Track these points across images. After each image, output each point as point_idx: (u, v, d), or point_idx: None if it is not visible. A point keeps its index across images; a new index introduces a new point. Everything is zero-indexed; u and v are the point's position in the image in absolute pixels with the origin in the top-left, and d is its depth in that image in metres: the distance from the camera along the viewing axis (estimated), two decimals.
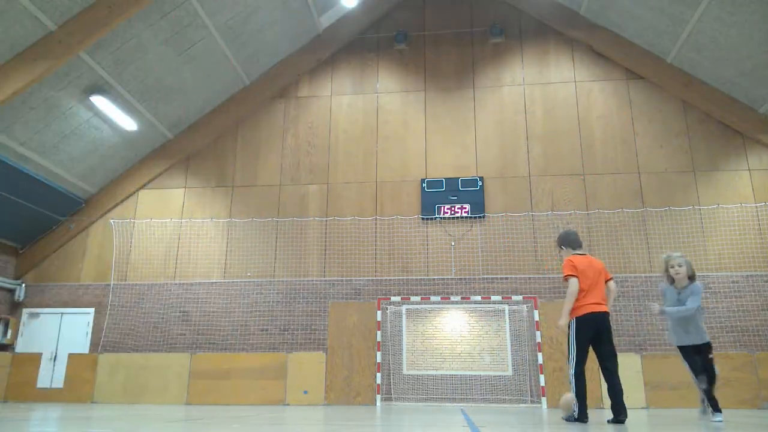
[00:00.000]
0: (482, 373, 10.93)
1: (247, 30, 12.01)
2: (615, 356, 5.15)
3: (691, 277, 5.32)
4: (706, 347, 5.28)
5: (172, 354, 11.25)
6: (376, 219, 12.05)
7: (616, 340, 10.60)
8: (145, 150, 12.93)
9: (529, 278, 11.18)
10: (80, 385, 10.96)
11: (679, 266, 5.26)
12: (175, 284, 12.07)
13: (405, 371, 11.17)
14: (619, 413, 4.80)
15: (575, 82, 12.53)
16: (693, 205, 11.36)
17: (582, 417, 4.86)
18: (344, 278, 11.69)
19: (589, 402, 5.17)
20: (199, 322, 11.75)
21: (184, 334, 11.70)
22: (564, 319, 5.08)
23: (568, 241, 5.41)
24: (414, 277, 11.53)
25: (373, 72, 13.23)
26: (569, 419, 4.97)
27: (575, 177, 11.87)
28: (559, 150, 12.09)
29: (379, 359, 10.70)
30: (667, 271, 5.40)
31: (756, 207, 11.16)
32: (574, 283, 4.99)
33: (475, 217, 11.73)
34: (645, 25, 11.77)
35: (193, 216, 12.59)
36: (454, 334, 11.45)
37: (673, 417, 6.42)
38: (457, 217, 11.78)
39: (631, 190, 11.63)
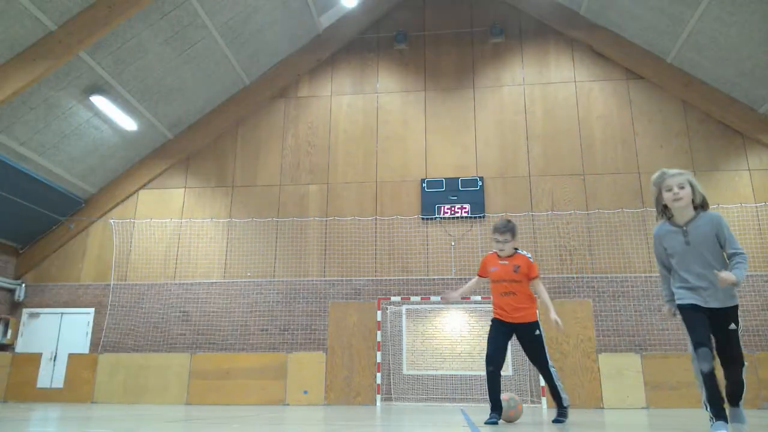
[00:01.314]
0: (482, 373, 10.92)
1: (247, 30, 12.01)
2: None
3: (702, 206, 3.43)
4: (725, 314, 3.32)
5: (172, 354, 11.25)
6: (376, 219, 12.04)
7: (616, 339, 10.70)
8: (145, 150, 12.93)
9: None
10: (80, 385, 10.96)
11: (680, 188, 3.34)
12: (175, 284, 12.07)
13: (405, 371, 11.17)
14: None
15: (575, 82, 12.53)
16: None
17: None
18: (344, 278, 11.68)
19: (588, 402, 5.18)
20: (199, 322, 11.75)
21: (184, 334, 11.70)
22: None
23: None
24: (414, 277, 11.53)
25: (373, 72, 13.23)
26: (563, 417, 4.86)
27: (575, 177, 11.87)
28: (559, 150, 12.09)
29: (379, 359, 10.70)
30: (660, 197, 3.46)
31: (756, 207, 11.16)
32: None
33: (475, 217, 11.73)
34: (645, 25, 11.77)
35: (193, 216, 12.58)
36: (454, 334, 11.45)
37: (673, 417, 6.42)
38: (457, 217, 11.78)
39: (631, 190, 11.63)
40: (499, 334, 4.82)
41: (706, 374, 3.16)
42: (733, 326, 3.30)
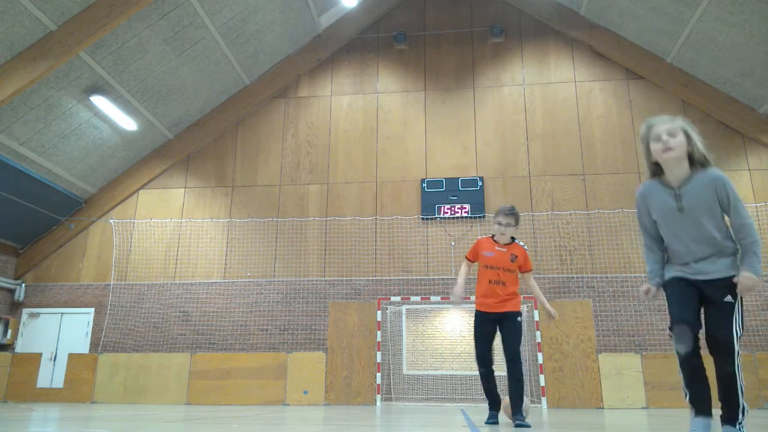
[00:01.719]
0: None
1: (247, 30, 12.01)
2: None
3: (702, 163, 2.78)
4: (720, 284, 2.66)
5: (172, 354, 11.25)
6: (376, 219, 12.04)
7: (616, 339, 10.70)
8: (145, 150, 12.93)
9: None
10: (80, 385, 10.97)
11: (671, 135, 2.74)
12: (175, 284, 12.07)
13: (405, 371, 11.18)
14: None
15: (575, 82, 12.53)
16: None
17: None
18: (344, 278, 11.68)
19: (588, 402, 5.12)
20: (199, 322, 11.75)
21: (184, 334, 11.70)
22: None
23: None
24: (414, 277, 11.52)
25: (373, 72, 13.23)
26: (527, 423, 4.37)
27: (575, 177, 11.86)
28: (559, 150, 12.08)
29: (379, 359, 10.70)
30: (649, 154, 2.87)
31: (756, 207, 11.16)
32: None
33: (475, 217, 11.73)
34: (645, 25, 11.77)
35: (193, 216, 12.58)
36: (454, 334, 11.45)
37: (672, 417, 6.42)
38: (457, 217, 11.78)
39: (631, 190, 11.62)
40: (487, 330, 4.59)
41: (684, 357, 2.60)
42: (728, 298, 2.60)
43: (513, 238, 4.74)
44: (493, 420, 4.54)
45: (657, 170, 2.85)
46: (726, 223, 2.72)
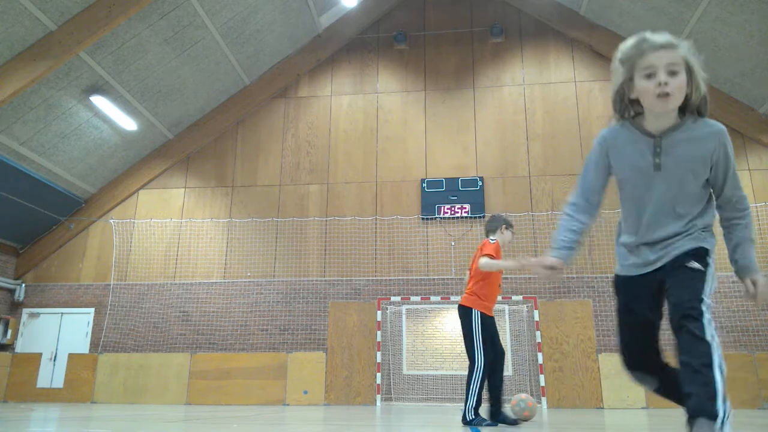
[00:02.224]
0: None
1: (247, 30, 12.01)
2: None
3: (699, 111, 2.11)
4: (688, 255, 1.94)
5: (172, 354, 11.25)
6: (376, 219, 12.04)
7: (616, 339, 10.67)
8: (145, 150, 12.93)
9: (529, 278, 11.18)
10: (80, 385, 10.97)
11: (671, 73, 1.91)
12: (175, 284, 12.07)
13: (405, 371, 11.17)
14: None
15: (575, 82, 12.52)
16: None
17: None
18: (344, 278, 11.68)
19: (588, 402, 5.13)
20: (199, 322, 11.75)
21: (184, 334, 11.70)
22: None
23: None
24: (414, 277, 11.52)
25: (373, 72, 13.23)
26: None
27: (575, 177, 11.83)
28: (559, 150, 12.08)
29: (379, 359, 10.70)
30: (628, 84, 2.01)
31: (756, 207, 11.16)
32: None
33: (475, 217, 11.73)
34: (645, 25, 11.73)
35: (193, 216, 12.58)
36: (454, 334, 11.44)
37: (672, 417, 6.42)
38: (457, 217, 11.78)
39: None
40: (491, 333, 4.72)
41: (654, 390, 2.10)
42: (695, 265, 1.88)
43: None
44: (491, 423, 4.54)
45: (630, 105, 2.06)
46: (706, 196, 2.01)
